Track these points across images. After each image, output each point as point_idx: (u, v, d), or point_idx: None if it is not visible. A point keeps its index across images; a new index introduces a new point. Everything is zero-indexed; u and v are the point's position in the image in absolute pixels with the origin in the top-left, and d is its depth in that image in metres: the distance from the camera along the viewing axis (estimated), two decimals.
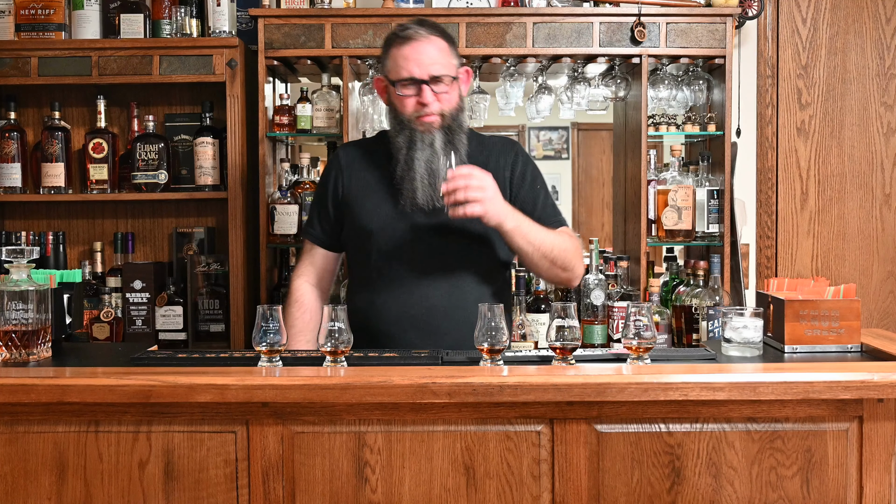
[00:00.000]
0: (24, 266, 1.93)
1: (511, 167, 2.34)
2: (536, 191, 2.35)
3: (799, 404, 1.79)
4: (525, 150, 2.45)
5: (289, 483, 1.81)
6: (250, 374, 1.79)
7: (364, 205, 2.31)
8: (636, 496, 1.81)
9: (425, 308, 2.25)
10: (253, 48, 3.03)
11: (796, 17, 3.47)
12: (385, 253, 2.28)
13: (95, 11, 3.07)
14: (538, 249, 2.21)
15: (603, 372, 1.81)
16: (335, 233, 2.39)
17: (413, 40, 2.22)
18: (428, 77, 2.21)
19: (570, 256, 2.27)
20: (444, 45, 2.25)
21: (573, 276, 2.31)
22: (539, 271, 2.30)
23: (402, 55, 2.22)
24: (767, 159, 3.48)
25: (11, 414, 1.81)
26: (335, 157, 2.43)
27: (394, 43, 2.26)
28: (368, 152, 2.39)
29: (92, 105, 3.14)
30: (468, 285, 2.29)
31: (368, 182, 2.33)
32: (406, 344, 2.19)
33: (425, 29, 2.25)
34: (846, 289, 2.03)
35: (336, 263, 2.46)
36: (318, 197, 2.42)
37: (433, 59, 2.22)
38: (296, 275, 2.43)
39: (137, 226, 3.26)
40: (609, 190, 3.51)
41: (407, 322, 2.26)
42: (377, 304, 2.28)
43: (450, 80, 2.23)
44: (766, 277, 3.43)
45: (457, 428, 1.80)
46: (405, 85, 2.22)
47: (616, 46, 2.96)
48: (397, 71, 2.23)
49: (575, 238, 2.35)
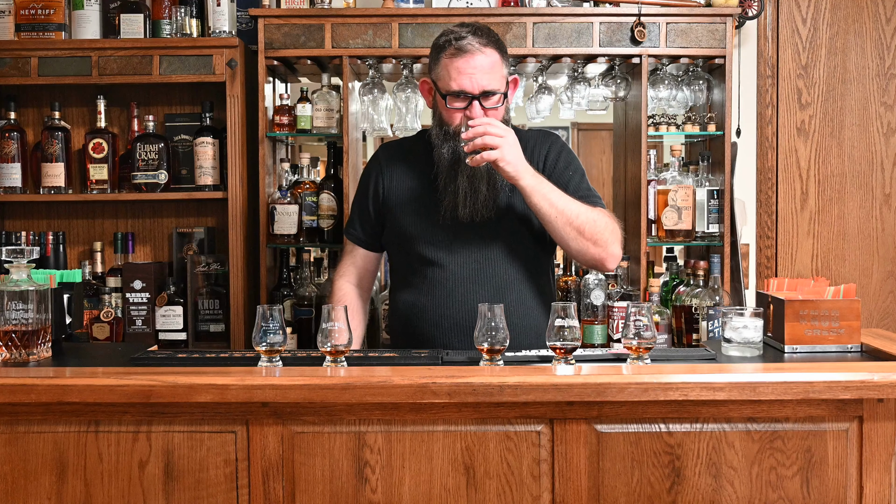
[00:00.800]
0: (24, 266, 1.93)
1: (546, 155, 2.31)
2: (569, 175, 2.29)
3: (799, 404, 1.79)
4: (563, 140, 2.39)
5: (289, 483, 1.81)
6: (250, 374, 1.79)
7: (405, 208, 2.30)
8: (636, 496, 1.81)
9: (466, 311, 2.23)
10: (253, 48, 3.03)
11: (796, 17, 3.47)
12: (426, 256, 2.27)
13: (95, 11, 3.07)
14: (562, 213, 2.14)
15: (603, 372, 1.81)
16: (376, 233, 2.38)
17: (467, 53, 2.15)
18: (479, 92, 2.16)
19: (601, 229, 2.18)
20: (497, 59, 2.19)
21: (606, 255, 2.20)
22: (566, 242, 2.19)
23: (454, 67, 2.16)
24: (767, 159, 3.48)
25: (11, 414, 1.81)
26: (375, 157, 2.41)
27: (446, 50, 2.19)
28: (409, 152, 2.37)
29: (92, 105, 3.14)
30: (509, 289, 2.27)
31: (410, 184, 2.32)
32: (446, 347, 2.19)
33: (479, 40, 2.17)
34: (846, 289, 2.03)
35: (377, 263, 2.46)
36: (358, 197, 2.41)
37: (486, 72, 2.16)
38: (338, 275, 2.43)
39: (137, 226, 3.26)
40: (609, 190, 3.51)
41: (448, 325, 2.25)
42: (418, 307, 2.28)
43: (500, 97, 2.19)
44: (766, 277, 3.43)
45: (457, 428, 1.80)
46: (455, 97, 2.18)
47: (616, 46, 2.96)
48: (447, 82, 2.18)
49: (612, 217, 2.25)
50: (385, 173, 2.35)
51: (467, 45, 2.16)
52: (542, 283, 2.35)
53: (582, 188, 2.28)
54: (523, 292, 2.29)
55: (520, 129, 2.39)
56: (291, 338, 3.00)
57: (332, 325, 1.86)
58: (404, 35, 2.95)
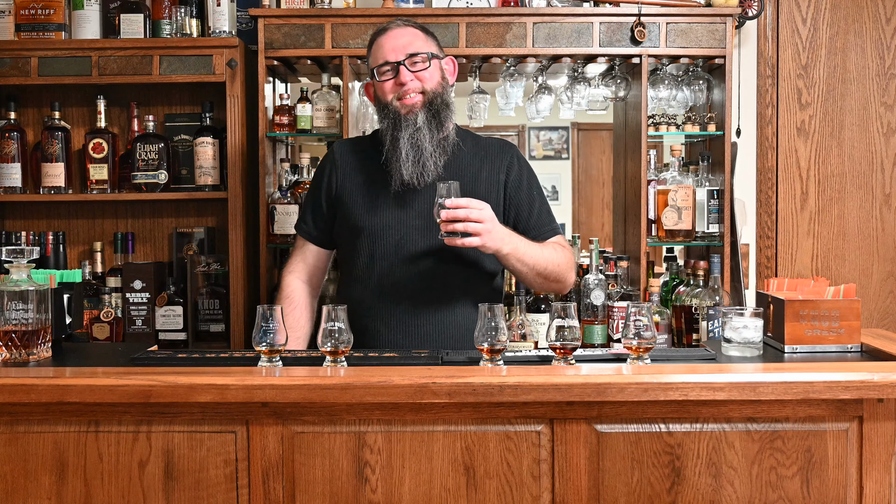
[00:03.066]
0: (24, 266, 1.93)
1: (507, 170, 2.34)
2: (532, 196, 2.35)
3: (799, 404, 1.79)
4: (521, 152, 2.46)
5: (289, 483, 1.81)
6: (250, 374, 1.79)
7: (356, 201, 2.32)
8: (636, 496, 1.81)
9: (412, 308, 2.26)
10: (253, 48, 3.03)
11: (796, 17, 3.47)
12: (375, 251, 2.28)
13: (95, 11, 3.07)
14: (532, 269, 2.23)
15: (603, 372, 1.81)
16: (328, 229, 2.39)
17: (388, 30, 2.29)
18: (403, 56, 2.24)
19: (563, 270, 2.29)
20: (419, 33, 2.30)
21: (564, 286, 2.35)
22: (531, 286, 2.36)
23: (378, 45, 2.29)
24: (767, 159, 3.48)
25: (11, 414, 1.81)
26: (330, 152, 2.43)
27: (373, 39, 2.32)
28: (363, 149, 2.39)
29: (92, 105, 3.15)
30: (456, 286, 2.29)
31: (361, 179, 2.33)
32: (393, 343, 2.23)
33: (401, 20, 2.33)
34: (846, 289, 2.03)
35: (328, 261, 2.46)
36: (311, 193, 2.42)
37: (408, 42, 2.26)
38: (286, 271, 2.43)
39: (137, 226, 3.26)
40: (609, 190, 3.51)
41: (394, 321, 2.27)
42: (366, 302, 2.29)
43: (426, 57, 2.25)
44: (766, 277, 3.43)
45: (457, 428, 1.80)
46: (383, 71, 2.26)
47: (616, 46, 2.96)
48: (375, 60, 2.29)
49: (568, 248, 2.36)
50: (339, 168, 2.36)
51: (388, 26, 2.31)
52: (489, 284, 2.37)
53: (543, 213, 2.36)
54: (466, 289, 2.29)
55: (477, 135, 2.42)
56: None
57: (332, 325, 1.86)
58: None
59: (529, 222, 2.31)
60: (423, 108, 2.24)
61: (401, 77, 2.23)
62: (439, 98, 2.26)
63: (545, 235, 2.32)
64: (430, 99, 2.24)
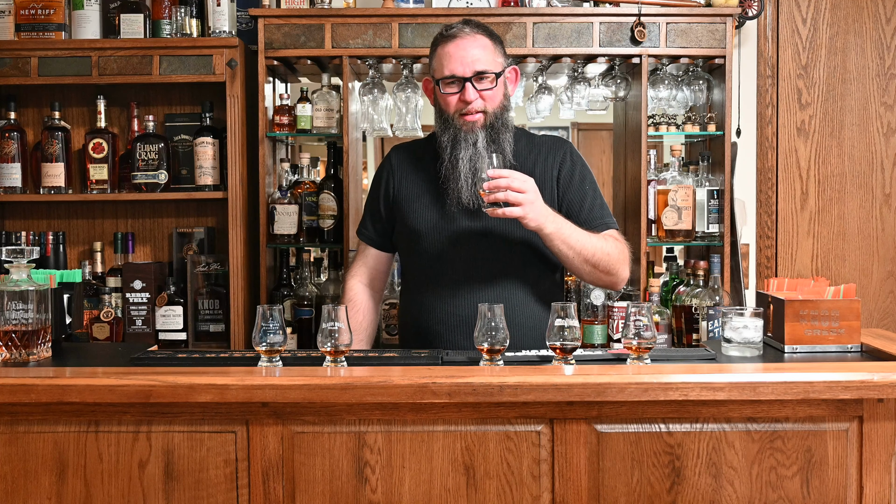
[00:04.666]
0: (24, 266, 1.93)
1: (559, 166, 2.33)
2: (584, 191, 2.32)
3: (799, 404, 1.79)
4: (575, 148, 2.42)
5: (289, 483, 1.81)
6: (250, 374, 1.79)
7: (413, 206, 2.32)
8: (636, 496, 1.81)
9: (472, 309, 2.22)
10: (253, 48, 3.03)
11: (796, 17, 3.47)
12: (433, 254, 2.29)
13: (95, 11, 3.07)
14: (579, 254, 2.19)
15: (603, 372, 1.81)
16: (387, 233, 2.40)
17: (457, 38, 2.22)
18: (471, 74, 2.20)
19: (614, 261, 2.24)
20: (488, 43, 2.24)
21: (617, 280, 2.28)
22: (581, 275, 2.28)
23: (445, 53, 2.22)
24: (767, 159, 3.48)
25: (11, 414, 1.81)
26: (387, 158, 2.43)
27: (439, 42, 2.26)
28: (419, 154, 2.39)
29: (92, 105, 3.14)
30: (514, 287, 2.28)
31: (418, 184, 2.34)
32: (454, 344, 2.22)
33: (470, 27, 2.24)
34: (846, 289, 2.03)
35: (389, 264, 2.48)
36: (370, 198, 2.43)
37: (476, 57, 2.21)
38: (349, 275, 2.45)
39: (137, 226, 3.26)
40: (609, 190, 3.50)
41: (455, 322, 2.27)
42: (426, 304, 2.30)
43: (493, 78, 2.22)
44: (766, 277, 3.43)
45: (457, 428, 1.80)
46: (448, 83, 2.22)
47: (616, 46, 2.96)
48: (441, 69, 2.23)
49: (622, 241, 2.31)
50: (396, 174, 2.38)
51: (457, 32, 2.23)
52: (548, 283, 2.36)
53: (596, 207, 2.32)
54: (527, 291, 2.30)
55: (532, 133, 2.42)
56: (291, 338, 3.01)
57: (332, 325, 1.86)
58: (404, 35, 2.95)
59: (581, 216, 2.28)
60: (482, 128, 2.22)
61: (466, 95, 2.20)
62: (499, 120, 2.24)
63: (598, 228, 2.28)
64: (490, 121, 2.23)
